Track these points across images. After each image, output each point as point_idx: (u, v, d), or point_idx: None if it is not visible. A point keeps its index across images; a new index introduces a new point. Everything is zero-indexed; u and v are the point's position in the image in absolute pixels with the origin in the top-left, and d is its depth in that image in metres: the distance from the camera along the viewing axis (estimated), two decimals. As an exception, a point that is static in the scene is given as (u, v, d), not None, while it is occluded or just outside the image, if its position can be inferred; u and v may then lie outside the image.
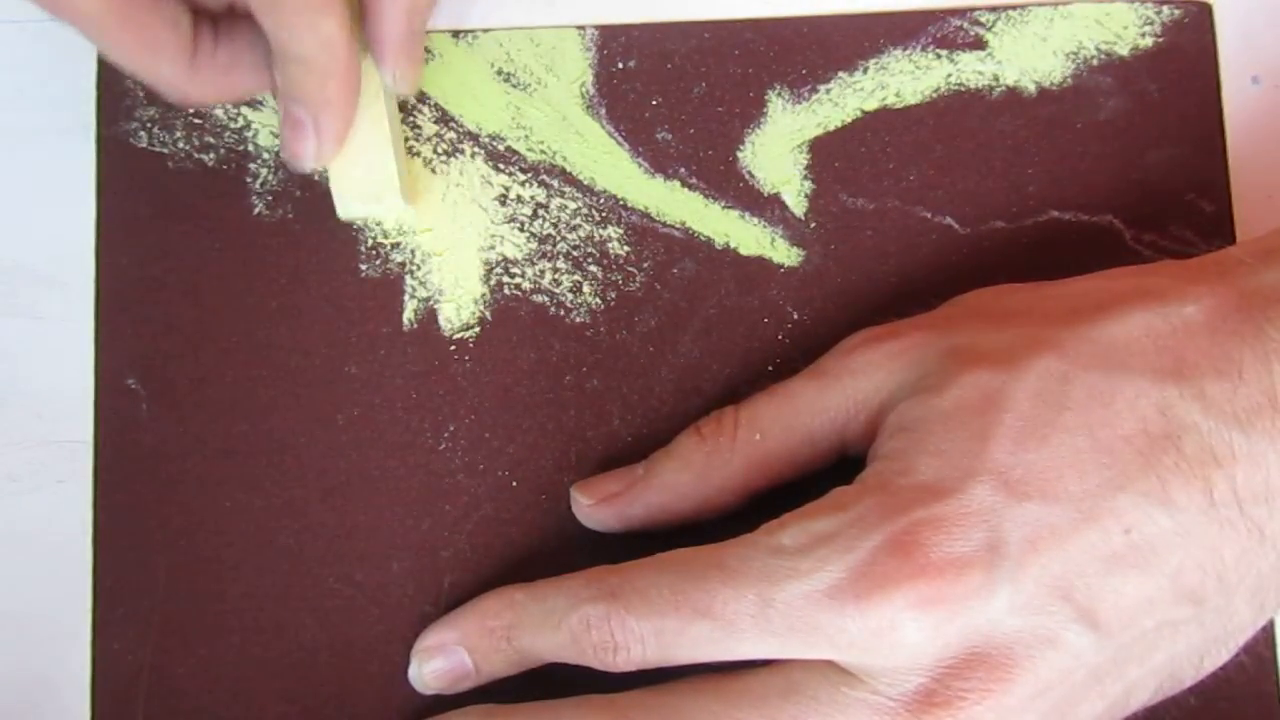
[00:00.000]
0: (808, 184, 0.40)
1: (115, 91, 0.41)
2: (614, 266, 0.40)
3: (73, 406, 0.40)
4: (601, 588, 0.34)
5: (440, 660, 0.37)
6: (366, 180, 0.38)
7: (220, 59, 0.37)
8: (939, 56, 0.41)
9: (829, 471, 0.35)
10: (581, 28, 0.41)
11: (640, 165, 0.40)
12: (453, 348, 0.40)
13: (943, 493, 0.32)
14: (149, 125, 0.41)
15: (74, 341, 0.40)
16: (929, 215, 0.40)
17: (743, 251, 0.40)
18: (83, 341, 0.40)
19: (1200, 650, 0.33)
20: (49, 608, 0.39)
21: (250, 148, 0.41)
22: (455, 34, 0.41)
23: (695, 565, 0.33)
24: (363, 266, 0.40)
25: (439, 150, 0.40)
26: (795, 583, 0.32)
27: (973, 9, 0.41)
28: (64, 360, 0.40)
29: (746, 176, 0.40)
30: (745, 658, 0.33)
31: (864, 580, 0.31)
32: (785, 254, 0.40)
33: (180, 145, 0.40)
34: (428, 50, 0.41)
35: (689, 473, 0.36)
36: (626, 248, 0.40)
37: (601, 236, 0.40)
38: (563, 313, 0.40)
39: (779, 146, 0.40)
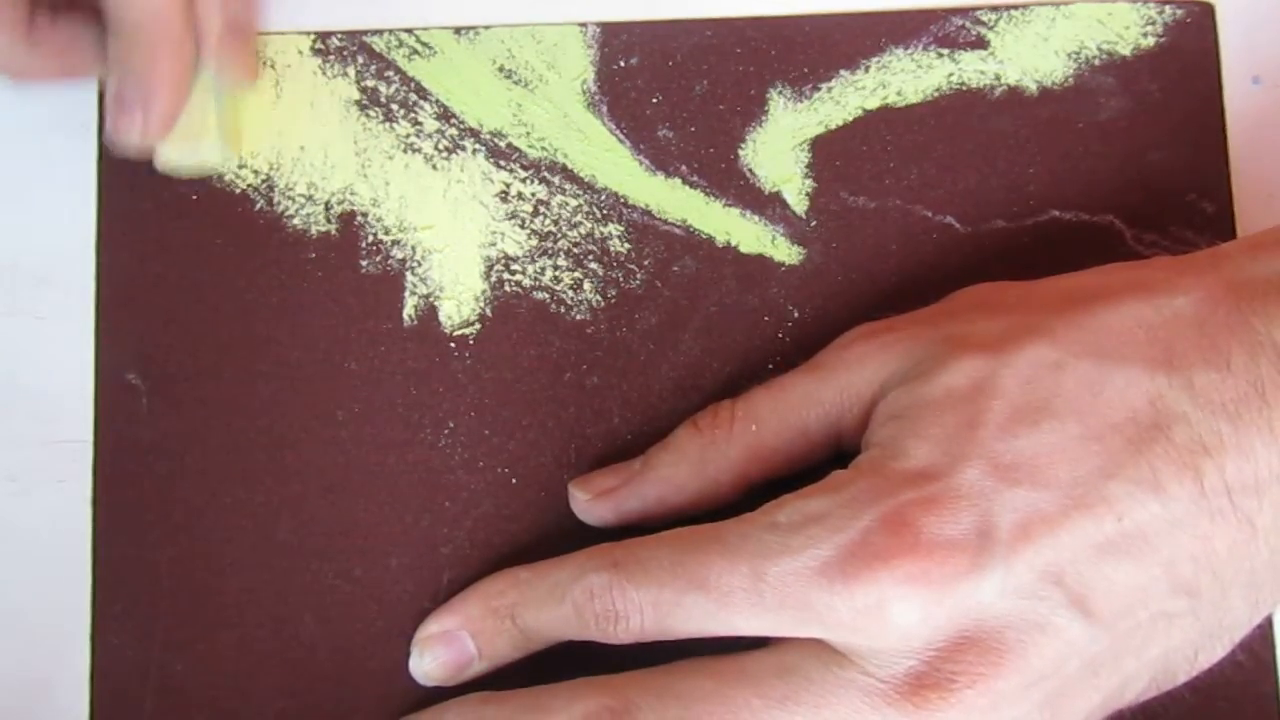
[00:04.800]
0: (809, 182, 0.40)
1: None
2: (614, 264, 0.40)
3: (73, 406, 0.40)
4: (605, 559, 0.35)
5: (442, 648, 0.37)
6: (185, 125, 0.38)
7: (59, 35, 0.37)
8: (941, 55, 0.41)
9: (830, 466, 0.35)
10: (583, 25, 0.41)
11: (641, 163, 0.40)
12: (453, 344, 0.40)
13: (934, 475, 0.32)
14: (150, 121, 0.41)
15: (74, 341, 0.40)
16: (930, 214, 0.40)
17: (743, 249, 0.40)
18: (83, 341, 0.40)
19: (1195, 645, 0.33)
20: (49, 607, 0.39)
21: (251, 143, 0.41)
22: (457, 30, 0.41)
23: (695, 539, 0.34)
24: (363, 263, 0.40)
25: (440, 147, 0.40)
26: (787, 559, 0.32)
27: (975, 8, 0.41)
28: (64, 360, 0.40)
29: (747, 174, 0.40)
30: (739, 633, 0.33)
31: (853, 559, 0.32)
32: (786, 252, 0.40)
33: (181, 141, 0.41)
34: (428, 46, 0.41)
35: (685, 465, 0.37)
36: (627, 245, 0.40)
37: (602, 234, 0.40)
38: (563, 310, 0.40)
39: (780, 144, 0.40)
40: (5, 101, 0.41)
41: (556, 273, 0.40)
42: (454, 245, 0.40)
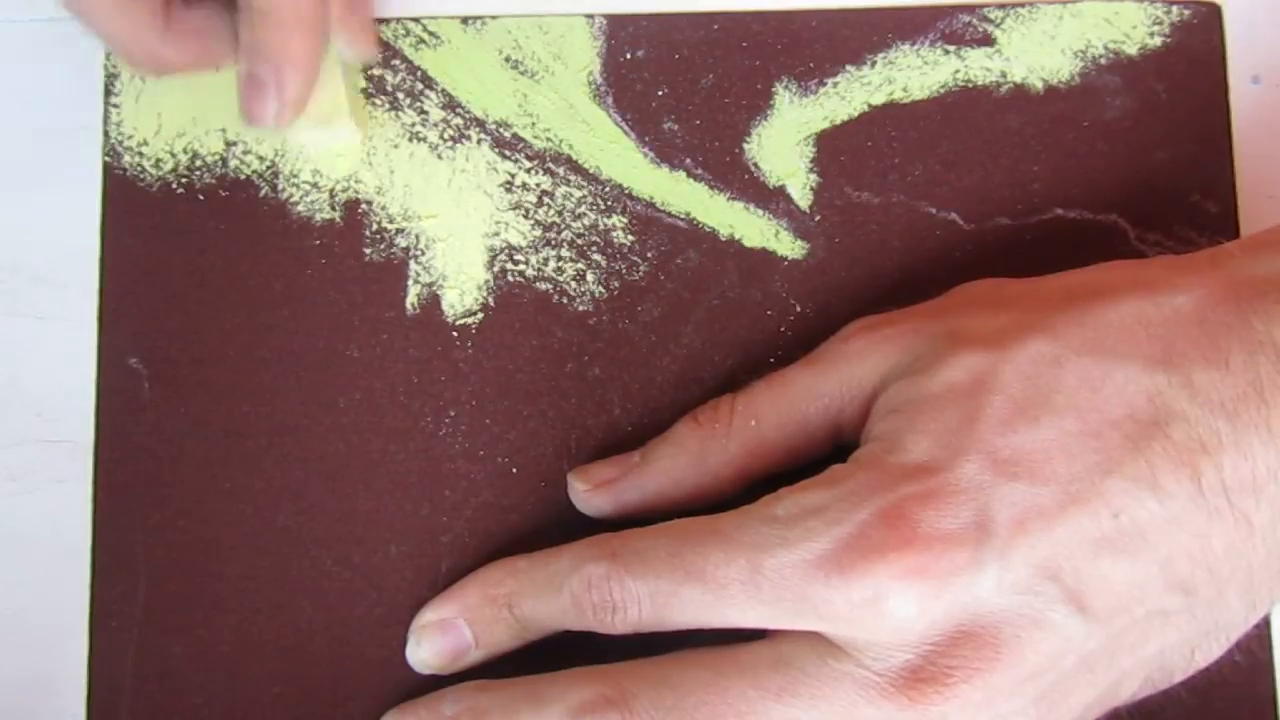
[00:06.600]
0: (813, 177, 0.40)
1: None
2: (618, 255, 0.40)
3: (73, 406, 0.40)
4: (603, 549, 0.35)
5: (439, 636, 0.37)
6: (316, 105, 0.38)
7: (192, 22, 0.37)
8: (947, 52, 0.41)
9: (829, 460, 0.35)
10: (590, 16, 0.41)
11: (646, 155, 0.40)
12: (455, 334, 0.40)
13: (932, 470, 0.32)
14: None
15: (74, 341, 0.40)
16: (934, 210, 0.40)
17: (747, 243, 0.40)
18: (83, 341, 0.40)
19: (1192, 643, 0.33)
20: (48, 607, 0.39)
21: (257, 130, 0.41)
22: (464, 20, 0.41)
23: (693, 531, 0.34)
24: (367, 250, 0.40)
25: (445, 136, 0.40)
26: (784, 551, 0.32)
27: (982, 5, 0.41)
28: (64, 359, 0.40)
29: (752, 168, 0.40)
30: (735, 625, 0.33)
31: (850, 552, 0.32)
32: (789, 246, 0.40)
33: (187, 126, 0.41)
34: (435, 35, 0.41)
35: (684, 458, 0.37)
36: (631, 237, 0.40)
37: (606, 225, 0.40)
38: (566, 301, 0.40)
39: (785, 139, 0.40)
40: (7, 102, 0.41)
41: (560, 264, 0.40)
42: (458, 234, 0.40)
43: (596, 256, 0.40)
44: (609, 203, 0.40)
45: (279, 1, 0.35)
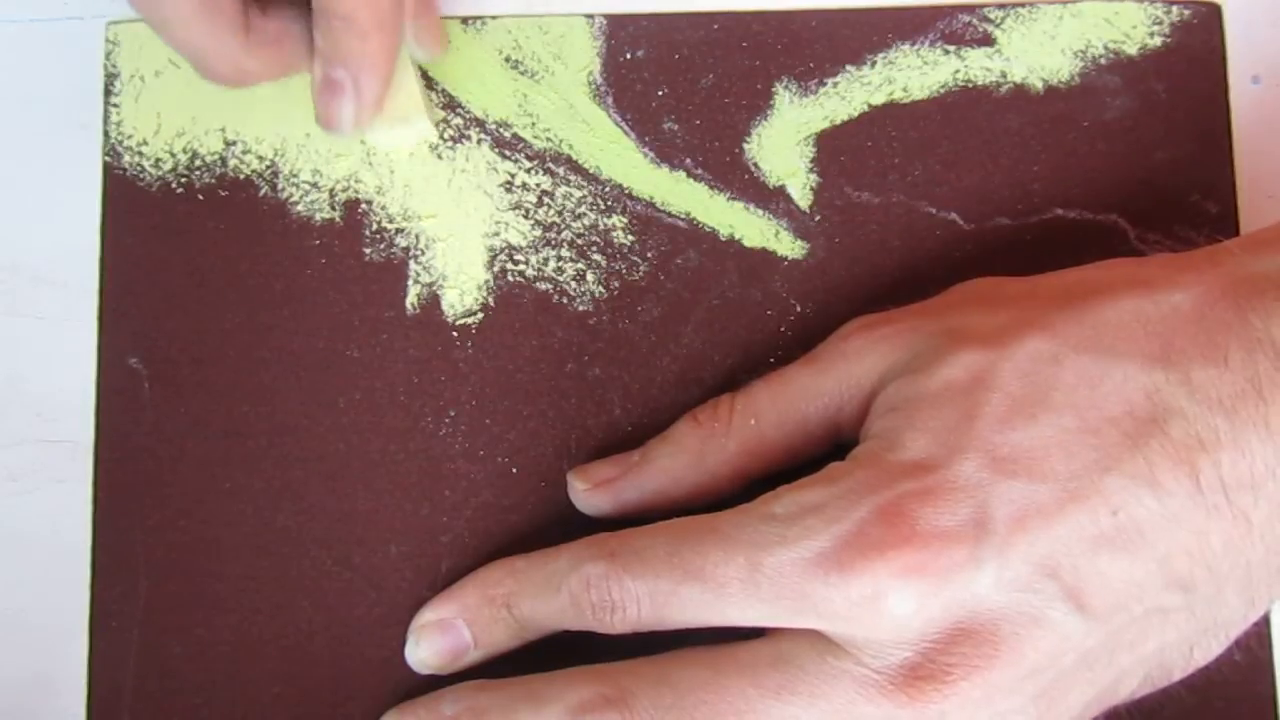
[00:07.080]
0: (813, 177, 0.40)
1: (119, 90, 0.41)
2: (618, 255, 0.40)
3: (73, 406, 0.40)
4: (602, 549, 0.35)
5: (438, 636, 0.37)
6: (392, 105, 0.38)
7: (270, 30, 0.36)
8: (947, 52, 0.41)
9: (828, 459, 0.35)
10: (590, 16, 0.41)
11: (646, 155, 0.40)
12: (455, 333, 0.40)
13: (930, 467, 0.32)
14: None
15: (74, 341, 0.40)
16: (933, 210, 0.40)
17: (747, 243, 0.40)
18: (83, 341, 0.40)
19: (1191, 641, 0.33)
20: (48, 607, 0.39)
21: (257, 130, 0.41)
22: (464, 20, 0.41)
23: (692, 530, 0.34)
24: (366, 250, 0.40)
25: (445, 136, 0.40)
26: (783, 549, 0.32)
27: (982, 5, 0.41)
28: (64, 360, 0.40)
29: (752, 168, 0.40)
30: (735, 623, 0.33)
31: (849, 549, 0.32)
32: (789, 246, 0.40)
33: (188, 126, 0.41)
34: (436, 35, 0.41)
35: (684, 457, 0.37)
36: (631, 237, 0.40)
37: (606, 225, 0.40)
38: (566, 301, 0.40)
39: (785, 139, 0.40)
40: (7, 102, 0.41)
41: (560, 264, 0.40)
42: (458, 234, 0.40)
43: (596, 256, 0.40)
44: (609, 203, 0.40)
45: (358, 8, 0.35)
